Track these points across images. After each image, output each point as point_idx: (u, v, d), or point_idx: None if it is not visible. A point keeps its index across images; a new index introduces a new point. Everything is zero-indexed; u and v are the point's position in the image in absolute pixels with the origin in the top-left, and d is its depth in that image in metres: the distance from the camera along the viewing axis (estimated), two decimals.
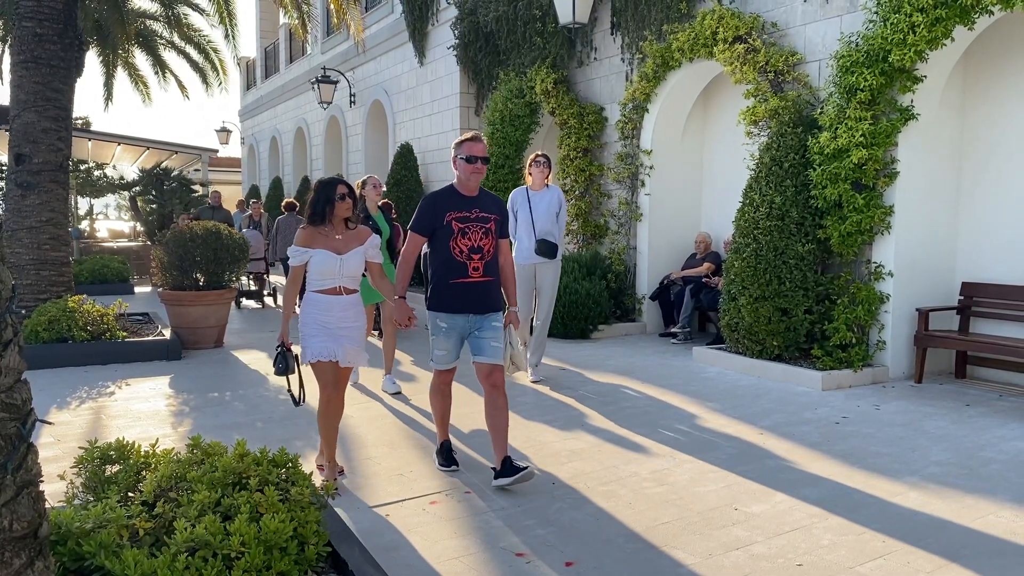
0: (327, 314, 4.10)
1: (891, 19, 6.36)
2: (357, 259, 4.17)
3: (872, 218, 6.76)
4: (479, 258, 4.18)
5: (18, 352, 1.98)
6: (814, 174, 6.98)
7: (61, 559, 2.46)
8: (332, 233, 4.13)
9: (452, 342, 4.27)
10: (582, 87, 10.75)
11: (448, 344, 4.26)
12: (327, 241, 4.10)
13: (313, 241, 4.10)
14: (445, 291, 4.19)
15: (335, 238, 4.12)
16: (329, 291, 4.12)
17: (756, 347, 7.25)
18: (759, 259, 7.12)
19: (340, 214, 4.13)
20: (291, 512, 2.75)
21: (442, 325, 4.22)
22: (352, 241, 4.16)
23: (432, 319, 4.27)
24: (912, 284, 7.01)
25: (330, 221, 4.13)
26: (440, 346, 4.27)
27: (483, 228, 4.20)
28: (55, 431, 5.37)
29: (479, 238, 4.18)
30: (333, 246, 4.10)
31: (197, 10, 13.00)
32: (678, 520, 3.79)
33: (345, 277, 4.14)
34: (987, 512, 3.89)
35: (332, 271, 4.08)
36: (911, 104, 6.67)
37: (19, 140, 8.83)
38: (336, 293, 4.12)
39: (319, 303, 4.11)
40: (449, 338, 4.24)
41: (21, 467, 1.97)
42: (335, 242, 4.12)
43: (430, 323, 4.29)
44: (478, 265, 4.18)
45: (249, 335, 9.89)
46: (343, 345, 4.11)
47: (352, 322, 4.18)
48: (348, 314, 4.15)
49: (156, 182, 19.40)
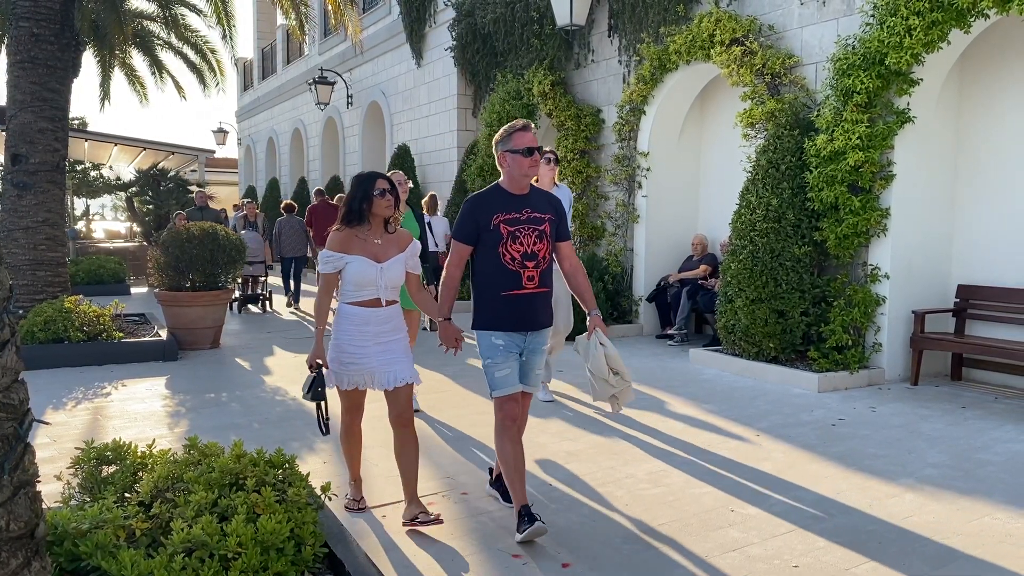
0: (363, 328, 3.63)
1: (887, 22, 6.38)
2: (398, 267, 3.67)
3: (868, 220, 6.78)
4: (533, 265, 3.61)
5: (15, 352, 1.98)
6: (811, 176, 6.99)
7: (58, 559, 2.46)
8: (370, 237, 3.64)
9: (513, 360, 3.66)
10: (579, 89, 10.76)
11: (509, 362, 3.64)
12: (365, 246, 3.61)
13: (349, 246, 3.60)
14: (496, 305, 3.62)
15: (374, 242, 3.63)
16: (366, 303, 3.63)
17: (752, 349, 7.26)
18: (756, 261, 7.13)
19: (379, 213, 3.62)
20: (288, 513, 2.75)
21: (498, 342, 3.63)
22: (392, 247, 3.67)
23: (484, 339, 3.66)
24: (908, 286, 7.02)
25: (368, 222, 3.63)
26: (500, 367, 3.62)
27: (536, 231, 3.64)
28: (52, 431, 5.36)
29: (532, 242, 3.63)
30: (372, 252, 3.62)
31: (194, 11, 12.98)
32: (675, 521, 3.80)
33: (386, 288, 3.64)
34: (983, 514, 3.90)
35: (371, 280, 3.60)
36: (907, 107, 6.69)
37: (15, 140, 8.82)
38: (374, 305, 3.64)
39: (354, 317, 3.64)
40: (508, 355, 3.64)
41: (18, 467, 1.96)
42: (374, 247, 3.63)
43: (481, 345, 3.67)
44: (533, 274, 3.62)
45: (246, 336, 9.88)
46: (382, 367, 3.64)
47: (392, 335, 3.69)
48: (386, 327, 3.67)
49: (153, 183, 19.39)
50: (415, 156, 14.48)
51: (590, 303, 3.81)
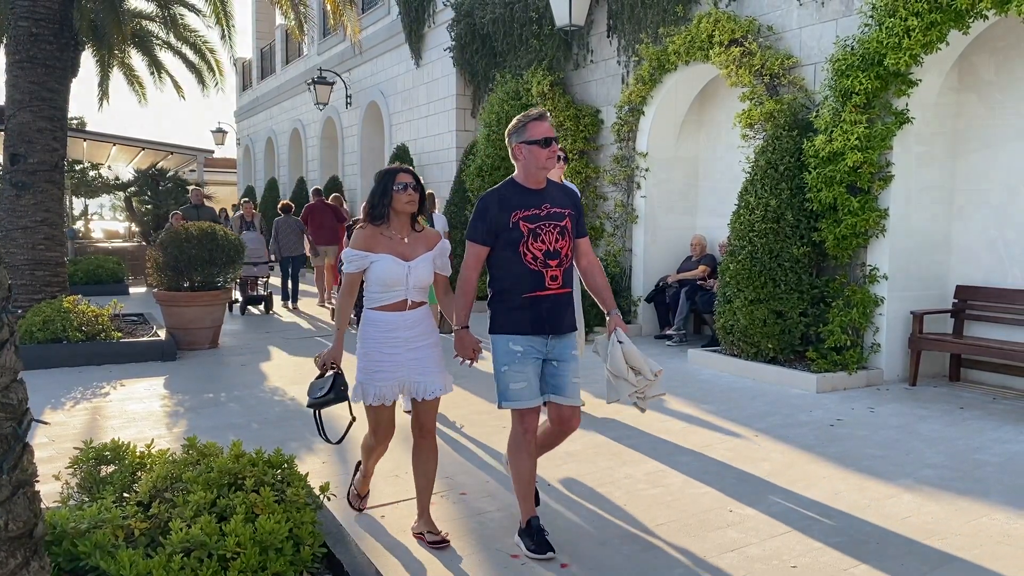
0: (392, 335, 3.43)
1: (886, 23, 6.39)
2: (426, 267, 3.48)
3: (867, 221, 6.78)
4: (556, 264, 3.38)
5: (14, 352, 1.98)
6: (809, 177, 7.00)
7: (56, 559, 2.46)
8: (397, 235, 3.46)
9: (531, 370, 3.38)
10: (578, 89, 10.76)
11: (527, 372, 3.37)
12: (391, 244, 3.43)
13: (374, 244, 3.42)
14: (517, 308, 3.37)
15: (401, 241, 3.45)
16: (393, 306, 3.44)
17: (751, 349, 7.27)
18: (754, 262, 7.13)
19: (400, 208, 3.43)
20: (287, 513, 2.76)
21: (516, 349, 3.37)
22: (419, 245, 3.49)
23: (501, 344, 3.40)
24: (907, 287, 7.03)
25: (391, 219, 3.46)
26: (516, 377, 3.36)
27: (558, 227, 3.40)
28: (50, 431, 5.36)
29: (554, 240, 3.38)
30: (399, 250, 3.43)
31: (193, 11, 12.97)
32: (673, 522, 3.80)
33: (413, 289, 3.45)
34: (981, 514, 3.90)
35: (398, 281, 3.40)
36: (906, 108, 6.70)
37: (14, 140, 8.82)
38: (401, 309, 3.45)
39: (381, 324, 3.44)
40: (526, 364, 3.37)
41: (17, 467, 1.96)
42: (401, 246, 3.44)
43: (497, 350, 3.42)
44: (556, 273, 3.38)
45: (245, 336, 9.88)
46: (413, 376, 3.45)
47: (423, 339, 3.49)
48: (416, 332, 3.47)
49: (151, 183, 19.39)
50: (414, 156, 14.47)
51: (609, 303, 3.58)
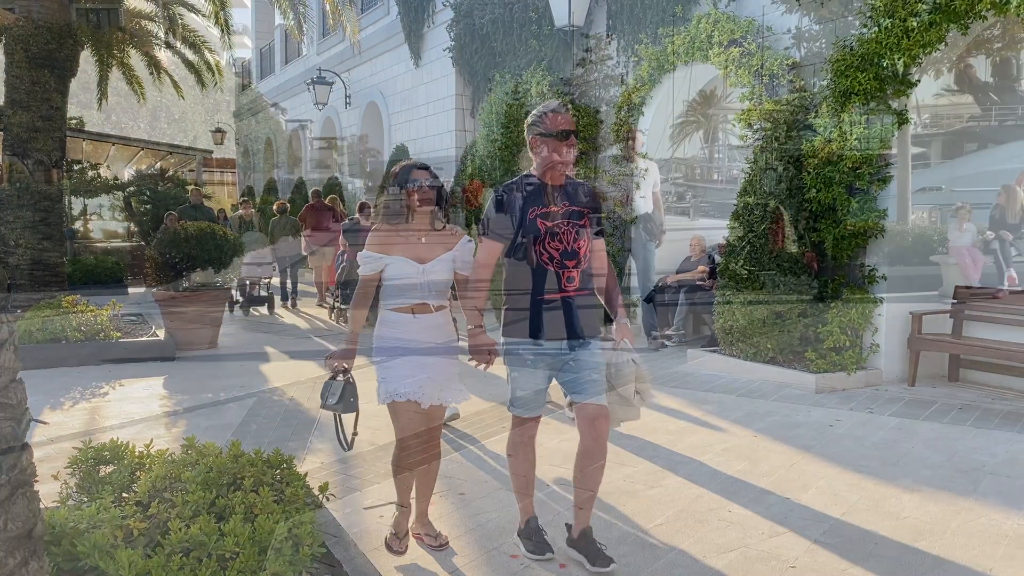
0: (408, 338, 3.29)
1: (885, 23, 6.39)
2: (444, 268, 3.30)
3: (866, 222, 6.79)
4: (574, 265, 3.20)
5: (12, 352, 1.98)
6: (808, 177, 7.00)
7: (55, 559, 2.45)
8: (414, 235, 3.31)
9: (539, 380, 3.26)
10: (578, 90, 10.75)
11: (534, 382, 3.25)
12: (407, 246, 3.27)
13: (389, 245, 3.27)
14: (531, 311, 3.20)
15: (418, 241, 3.29)
16: (409, 308, 3.29)
17: (750, 350, 7.27)
18: (754, 262, 7.14)
19: (415, 207, 3.27)
20: (285, 513, 2.75)
21: (527, 357, 3.22)
22: (438, 246, 3.30)
23: (511, 349, 3.27)
24: (905, 288, 7.03)
25: (407, 218, 3.29)
26: (523, 386, 3.26)
27: (576, 226, 3.22)
28: (49, 431, 5.35)
29: (572, 239, 3.20)
30: (414, 252, 3.27)
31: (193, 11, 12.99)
32: (672, 522, 3.80)
33: (430, 292, 3.28)
34: (980, 515, 3.90)
35: (412, 283, 3.25)
36: (905, 108, 6.70)
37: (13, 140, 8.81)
38: (423, 311, 3.30)
39: (398, 325, 3.30)
40: (535, 374, 3.24)
41: (16, 467, 1.96)
42: (417, 247, 3.28)
43: (507, 355, 3.30)
44: (573, 275, 3.20)
45: (244, 336, 9.87)
46: (429, 382, 3.31)
47: (437, 345, 3.34)
48: (429, 336, 3.32)
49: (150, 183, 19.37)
50: (413, 156, 14.47)
51: (619, 309, 3.36)
